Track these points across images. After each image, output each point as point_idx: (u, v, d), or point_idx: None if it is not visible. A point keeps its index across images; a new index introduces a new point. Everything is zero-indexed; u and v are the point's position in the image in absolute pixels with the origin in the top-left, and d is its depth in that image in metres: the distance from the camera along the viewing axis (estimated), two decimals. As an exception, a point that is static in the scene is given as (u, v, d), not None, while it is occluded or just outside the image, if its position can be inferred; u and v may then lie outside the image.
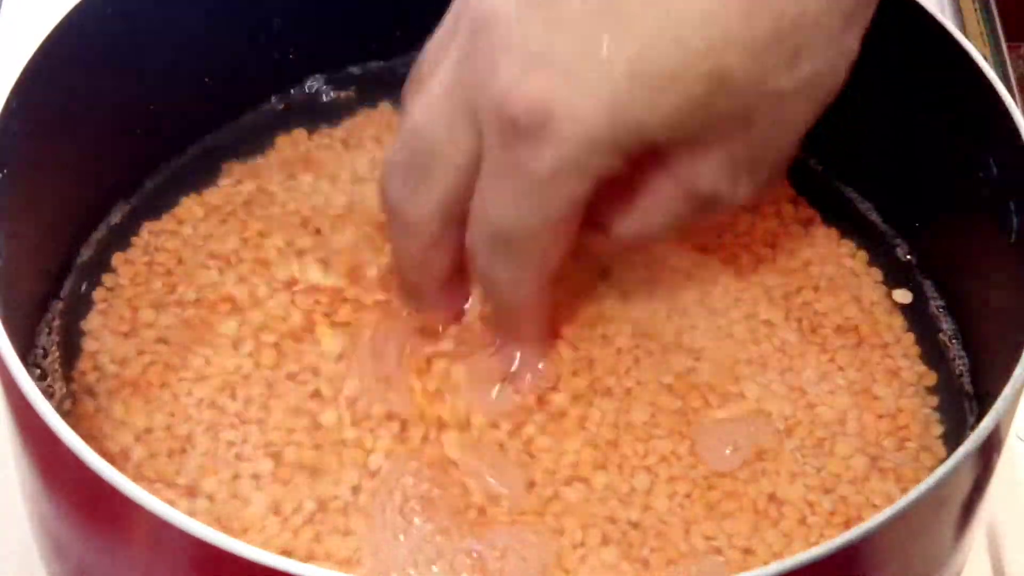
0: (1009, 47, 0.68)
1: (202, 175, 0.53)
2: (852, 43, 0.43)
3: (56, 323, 0.48)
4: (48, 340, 0.48)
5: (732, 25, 0.40)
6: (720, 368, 0.48)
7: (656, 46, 0.40)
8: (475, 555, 0.43)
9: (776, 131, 0.43)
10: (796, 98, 0.42)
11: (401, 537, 0.43)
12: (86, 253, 0.50)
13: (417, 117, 0.43)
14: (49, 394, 0.46)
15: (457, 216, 0.44)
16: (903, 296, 0.50)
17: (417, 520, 0.44)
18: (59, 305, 0.49)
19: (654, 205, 0.44)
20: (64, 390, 0.47)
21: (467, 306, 0.48)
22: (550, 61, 0.40)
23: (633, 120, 0.40)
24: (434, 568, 0.42)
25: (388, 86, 0.56)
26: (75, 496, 0.39)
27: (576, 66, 0.40)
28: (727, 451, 0.45)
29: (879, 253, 0.52)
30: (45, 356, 0.47)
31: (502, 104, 0.40)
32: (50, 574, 0.44)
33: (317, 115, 0.55)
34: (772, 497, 0.45)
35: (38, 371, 0.47)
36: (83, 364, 0.47)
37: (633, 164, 0.42)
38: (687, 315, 0.49)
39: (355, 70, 0.56)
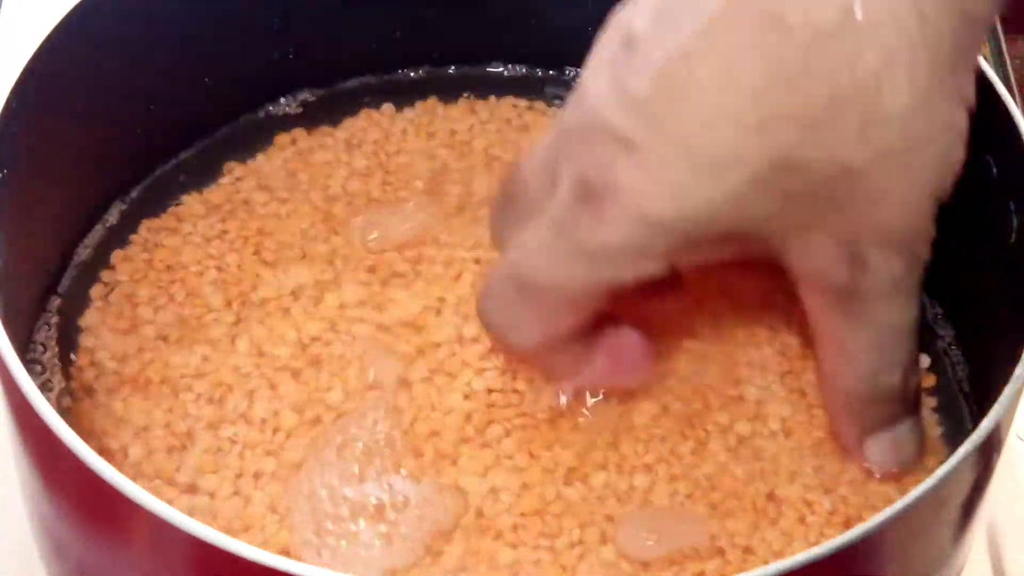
0: (1008, 39, 0.68)
1: (202, 174, 0.53)
2: (946, 108, 0.39)
3: (55, 321, 0.48)
4: (47, 338, 0.48)
5: (783, 98, 0.38)
6: (721, 370, 0.48)
7: (713, 125, 0.38)
8: (377, 501, 0.43)
9: (875, 208, 0.39)
10: (883, 172, 0.38)
11: (315, 468, 0.44)
12: (85, 251, 0.50)
13: (523, 161, 0.44)
14: (48, 391, 0.46)
15: None
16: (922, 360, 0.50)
17: (355, 465, 0.44)
18: (58, 302, 0.49)
19: (808, 308, 0.42)
20: (63, 387, 0.47)
21: None
22: (628, 142, 0.39)
23: (700, 203, 0.39)
24: (342, 509, 0.43)
25: (390, 86, 0.56)
26: (75, 496, 0.39)
27: (646, 146, 0.39)
28: (649, 542, 0.44)
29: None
30: (44, 353, 0.47)
31: (582, 171, 0.40)
32: (50, 574, 0.44)
33: (317, 114, 0.55)
34: (771, 496, 0.45)
35: (37, 367, 0.47)
36: (81, 361, 0.47)
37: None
38: (687, 318, 0.49)
39: (356, 70, 0.56)
